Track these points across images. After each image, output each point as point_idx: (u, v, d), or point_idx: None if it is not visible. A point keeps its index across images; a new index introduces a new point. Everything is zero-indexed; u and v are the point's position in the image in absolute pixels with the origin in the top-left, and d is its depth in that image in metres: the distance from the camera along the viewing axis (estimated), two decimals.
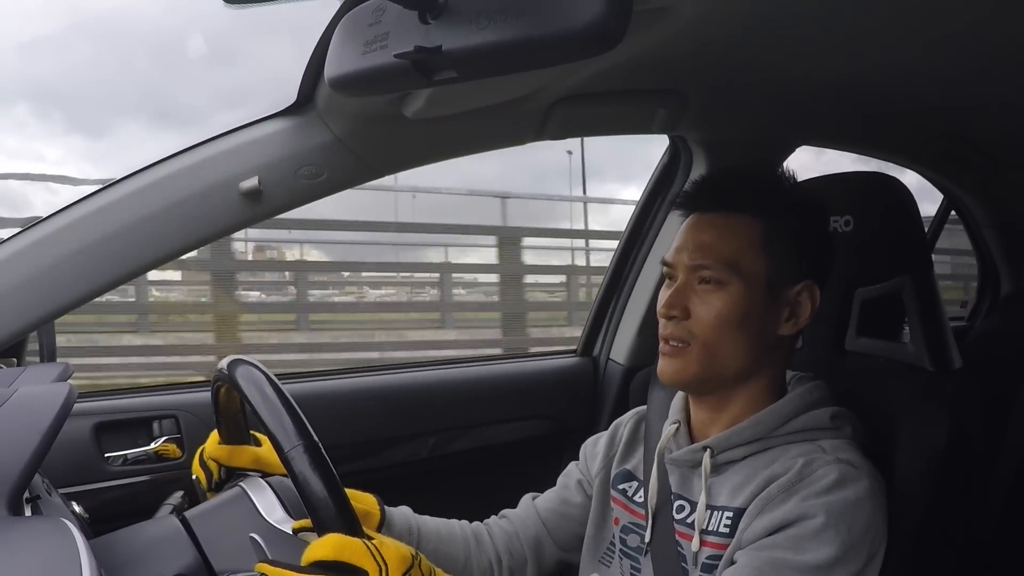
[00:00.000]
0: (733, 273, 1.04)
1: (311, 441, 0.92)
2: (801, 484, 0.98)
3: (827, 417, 1.06)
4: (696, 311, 1.04)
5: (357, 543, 0.87)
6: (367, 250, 8.98)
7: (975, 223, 2.33)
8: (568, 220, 9.88)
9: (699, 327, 1.04)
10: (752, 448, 1.05)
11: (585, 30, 0.68)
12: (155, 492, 1.32)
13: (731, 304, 1.03)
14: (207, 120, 4.18)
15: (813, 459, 1.00)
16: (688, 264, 1.06)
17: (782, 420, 1.05)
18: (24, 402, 0.95)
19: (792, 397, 1.07)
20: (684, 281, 1.06)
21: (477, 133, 1.37)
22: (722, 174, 1.19)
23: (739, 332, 1.04)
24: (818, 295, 1.08)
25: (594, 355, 1.98)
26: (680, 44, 1.22)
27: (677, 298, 1.05)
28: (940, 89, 1.49)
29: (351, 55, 0.87)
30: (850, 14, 1.15)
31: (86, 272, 1.13)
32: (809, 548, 0.95)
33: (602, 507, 1.22)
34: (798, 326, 1.08)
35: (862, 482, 0.98)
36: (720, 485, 1.06)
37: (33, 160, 15.92)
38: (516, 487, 1.39)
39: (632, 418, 1.27)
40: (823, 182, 1.27)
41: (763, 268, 1.05)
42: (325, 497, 0.89)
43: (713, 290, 1.04)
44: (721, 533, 1.04)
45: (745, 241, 1.05)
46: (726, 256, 1.04)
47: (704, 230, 1.07)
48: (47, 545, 0.81)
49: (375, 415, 1.71)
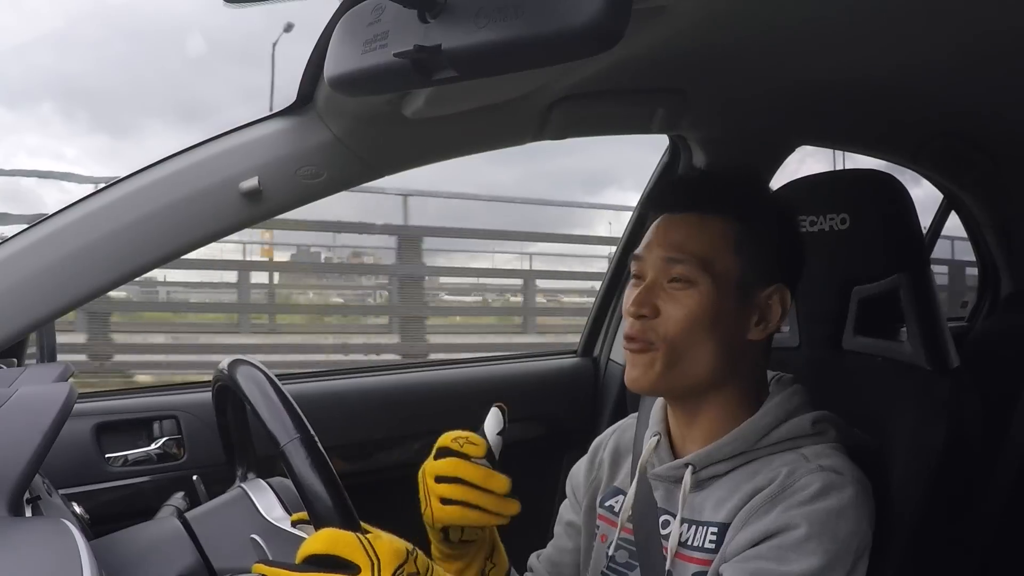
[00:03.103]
0: (704, 272, 1.02)
1: (307, 435, 0.91)
2: (784, 494, 0.97)
3: (808, 423, 1.04)
4: (665, 310, 1.02)
5: (350, 537, 0.87)
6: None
7: (975, 223, 2.33)
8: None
9: (668, 327, 1.02)
10: (735, 462, 1.04)
11: (585, 29, 0.68)
12: (156, 493, 1.32)
13: (702, 304, 1.01)
14: (236, 122, 4.30)
15: (796, 468, 0.99)
16: (661, 257, 1.04)
17: (763, 432, 1.04)
18: (24, 402, 0.95)
19: (771, 408, 1.05)
20: (653, 279, 1.04)
21: (477, 133, 1.37)
22: (697, 175, 1.19)
23: (708, 334, 1.02)
24: (789, 298, 1.06)
25: (594, 356, 1.98)
26: (680, 43, 1.22)
27: (647, 296, 1.03)
28: (940, 88, 1.49)
29: (350, 54, 0.87)
30: (850, 13, 1.15)
31: (86, 272, 1.13)
32: (792, 559, 0.94)
33: (590, 530, 1.21)
34: (768, 330, 1.06)
35: (846, 489, 0.97)
36: (704, 500, 1.05)
37: (53, 158, 16.05)
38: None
39: (612, 434, 1.25)
40: (819, 180, 1.27)
41: (735, 269, 1.03)
42: (321, 490, 0.88)
43: (683, 288, 1.02)
44: (706, 549, 1.02)
45: (718, 241, 1.04)
46: (699, 253, 1.02)
47: (677, 227, 1.06)
48: (48, 546, 0.81)
49: (375, 415, 1.71)
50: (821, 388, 1.11)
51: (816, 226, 1.21)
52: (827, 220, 1.20)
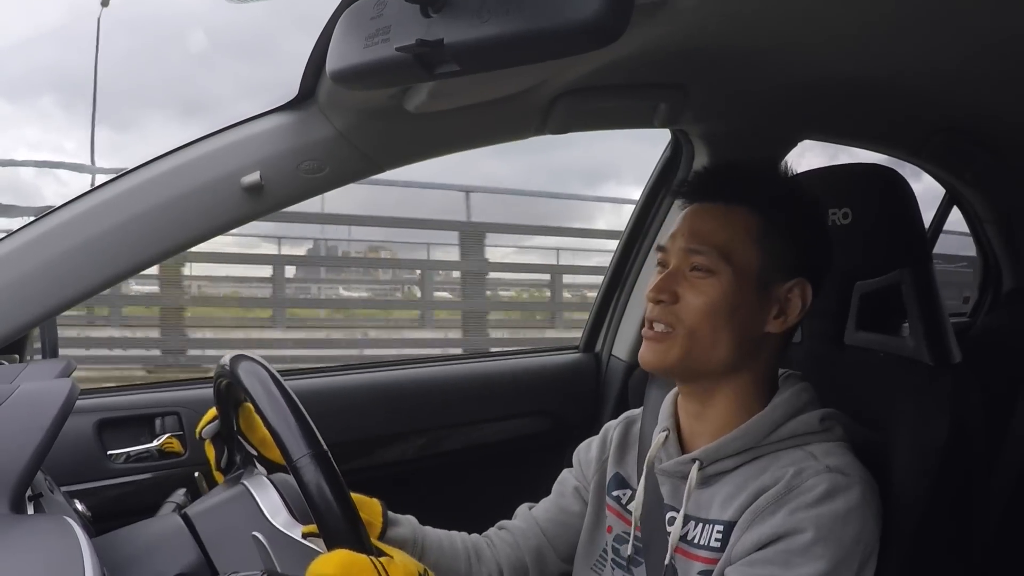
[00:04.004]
0: (725, 262, 1.03)
1: (320, 450, 0.92)
2: (790, 495, 0.97)
3: (816, 420, 1.05)
4: (685, 297, 1.04)
5: (363, 560, 0.86)
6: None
7: (977, 218, 2.33)
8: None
9: (686, 313, 1.03)
10: (742, 458, 1.04)
11: (587, 23, 0.68)
12: (158, 490, 1.31)
13: (721, 293, 1.03)
14: (238, 116, 4.30)
15: (803, 468, 0.99)
16: (683, 248, 1.06)
17: (771, 427, 1.04)
18: (26, 399, 0.95)
19: (779, 403, 1.06)
20: (676, 267, 1.06)
21: (479, 127, 1.37)
22: (724, 166, 1.19)
23: (725, 323, 1.03)
24: (810, 294, 1.07)
25: (596, 351, 1.98)
26: (681, 38, 1.21)
27: (667, 282, 1.05)
28: (942, 83, 1.49)
29: (353, 48, 0.87)
30: (852, 10, 1.15)
31: (87, 268, 1.13)
32: (799, 563, 0.94)
33: (597, 513, 1.22)
34: (787, 324, 1.07)
35: (853, 490, 0.97)
36: (711, 497, 1.05)
37: (53, 151, 16.04)
38: (517, 484, 1.39)
39: (621, 422, 1.26)
40: (821, 174, 1.26)
41: (756, 260, 1.04)
42: (334, 508, 0.89)
43: (704, 277, 1.04)
44: (712, 547, 1.02)
45: (741, 232, 1.05)
46: (720, 244, 1.04)
47: (701, 218, 1.07)
48: (50, 543, 0.80)
49: (376, 412, 1.71)
50: (823, 383, 1.11)
51: None
52: (829, 215, 1.20)
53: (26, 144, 13.21)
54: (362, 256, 9.90)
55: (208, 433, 1.19)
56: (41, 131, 12.69)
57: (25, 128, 12.31)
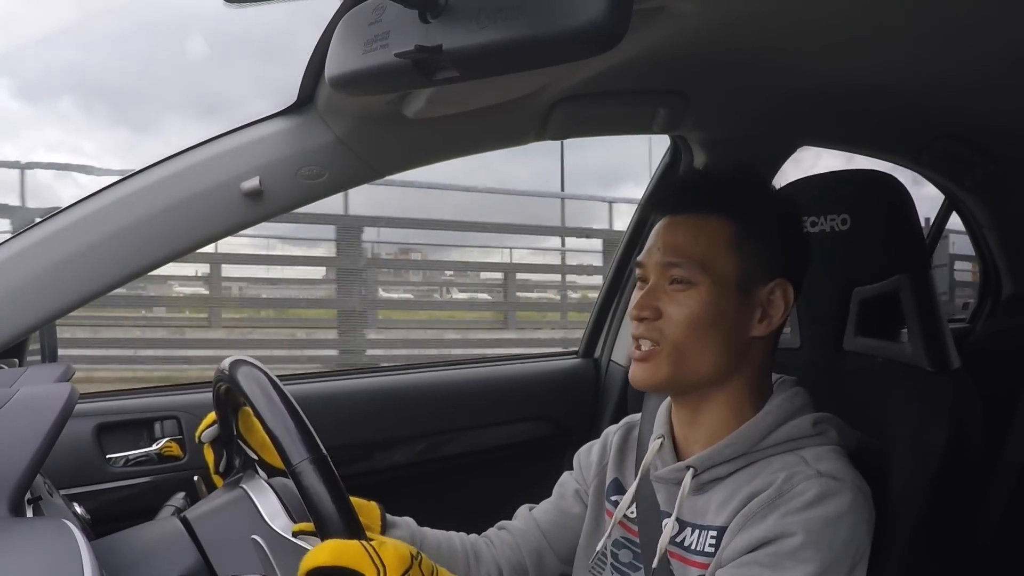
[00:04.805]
0: (704, 272, 1.03)
1: (319, 455, 0.92)
2: (781, 500, 0.97)
3: (809, 424, 1.05)
4: (667, 311, 1.04)
5: (355, 546, 0.87)
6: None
7: (976, 224, 2.33)
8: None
9: (670, 328, 1.03)
10: (736, 464, 1.04)
11: (586, 29, 0.68)
12: (157, 493, 1.31)
13: (702, 304, 1.02)
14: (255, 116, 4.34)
15: (794, 473, 0.99)
16: (659, 262, 1.06)
17: (764, 433, 1.04)
18: (25, 403, 0.95)
19: (772, 408, 1.06)
20: (655, 282, 1.06)
21: (478, 133, 1.38)
22: (694, 175, 1.19)
23: (710, 332, 1.03)
24: (792, 294, 1.06)
25: (595, 357, 1.98)
26: (680, 45, 1.22)
27: (648, 299, 1.05)
28: (942, 89, 1.49)
29: (352, 54, 0.87)
30: (851, 14, 1.15)
31: (87, 272, 1.13)
32: (787, 566, 0.94)
33: (596, 517, 1.22)
34: (772, 327, 1.06)
35: (844, 495, 0.97)
36: (707, 503, 1.05)
37: (72, 153, 16.11)
38: (517, 489, 1.38)
39: (621, 427, 1.26)
40: (819, 180, 1.27)
41: (734, 267, 1.04)
42: (333, 513, 0.90)
43: (683, 290, 1.03)
44: (707, 553, 1.02)
45: (717, 241, 1.04)
46: (697, 255, 1.03)
47: (676, 230, 1.07)
48: (49, 546, 0.81)
49: (375, 417, 1.71)
50: (822, 389, 1.11)
51: (817, 227, 1.21)
52: (828, 221, 1.20)
53: (45, 145, 13.24)
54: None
55: (207, 437, 1.19)
56: (60, 132, 12.71)
57: (45, 129, 12.33)
